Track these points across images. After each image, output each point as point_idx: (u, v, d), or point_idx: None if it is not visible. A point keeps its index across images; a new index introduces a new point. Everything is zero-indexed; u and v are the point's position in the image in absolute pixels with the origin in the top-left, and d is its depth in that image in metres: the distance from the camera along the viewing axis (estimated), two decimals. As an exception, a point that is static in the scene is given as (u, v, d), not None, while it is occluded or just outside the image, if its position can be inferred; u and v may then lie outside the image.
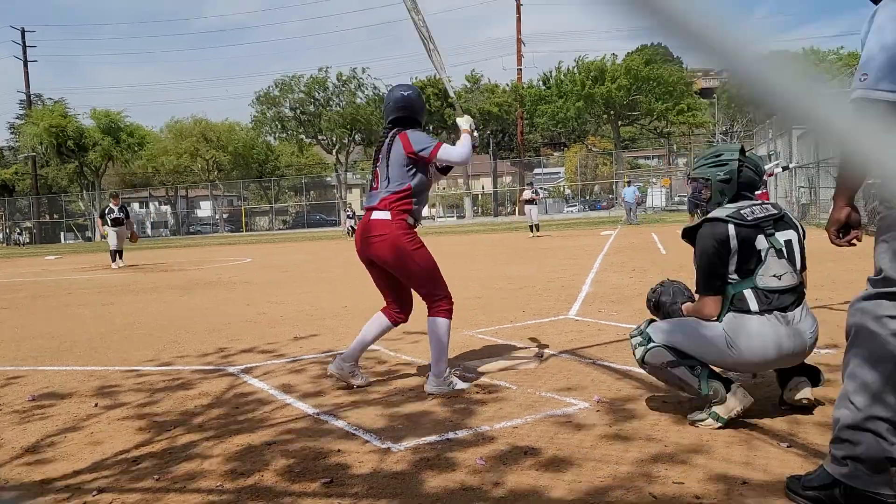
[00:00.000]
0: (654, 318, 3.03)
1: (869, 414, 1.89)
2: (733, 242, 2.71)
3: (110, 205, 15.31)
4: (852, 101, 1.85)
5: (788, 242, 2.76)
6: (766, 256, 2.71)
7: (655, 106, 43.58)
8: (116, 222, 15.07)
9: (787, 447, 2.50)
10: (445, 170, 3.80)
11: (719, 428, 2.69)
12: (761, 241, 2.72)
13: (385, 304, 3.72)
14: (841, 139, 0.63)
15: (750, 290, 2.70)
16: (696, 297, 2.89)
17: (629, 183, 24.05)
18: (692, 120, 45.16)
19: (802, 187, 20.56)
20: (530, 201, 20.46)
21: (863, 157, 0.63)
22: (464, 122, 3.70)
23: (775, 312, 2.67)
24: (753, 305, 2.69)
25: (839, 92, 1.70)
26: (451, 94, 4.04)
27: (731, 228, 2.72)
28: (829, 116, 0.58)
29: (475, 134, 3.71)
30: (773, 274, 2.70)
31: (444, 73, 3.88)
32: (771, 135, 25.53)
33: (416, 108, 3.67)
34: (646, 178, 52.99)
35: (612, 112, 45.53)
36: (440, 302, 3.50)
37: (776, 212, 2.80)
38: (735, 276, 2.74)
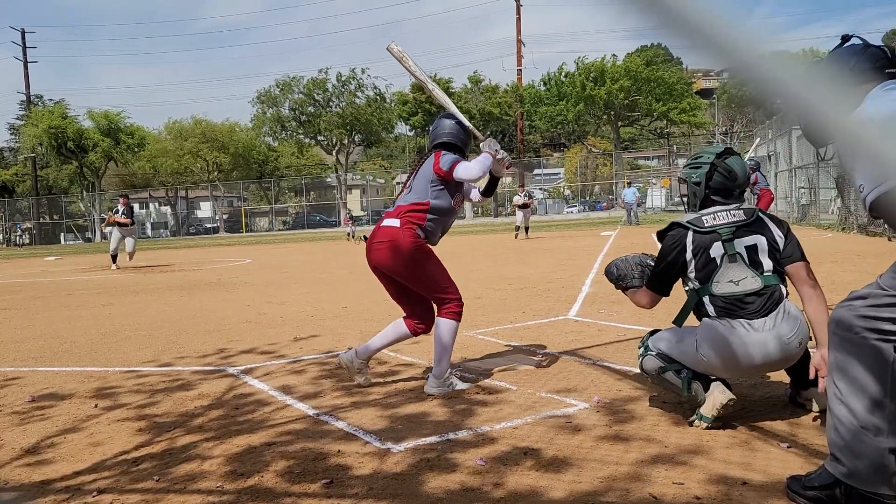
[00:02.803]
0: (657, 328, 3.06)
1: (867, 413, 1.90)
2: (688, 250, 2.78)
3: (119, 206, 14.99)
4: (875, 200, 1.86)
5: (751, 248, 2.75)
6: (721, 262, 2.73)
7: (655, 107, 43.55)
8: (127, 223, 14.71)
9: (788, 448, 2.50)
10: (488, 191, 3.80)
11: (708, 428, 2.70)
12: (716, 248, 2.75)
13: (405, 315, 3.67)
14: (848, 141, 0.63)
15: (707, 297, 2.76)
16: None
17: (630, 184, 24.00)
18: (693, 119, 45.11)
19: (802, 188, 20.54)
20: (523, 206, 19.73)
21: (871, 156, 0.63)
22: (485, 145, 3.62)
23: (741, 320, 2.68)
24: (711, 311, 2.75)
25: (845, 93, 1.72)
26: (467, 124, 3.74)
27: (689, 235, 2.80)
28: (835, 115, 0.58)
29: (500, 156, 3.57)
30: (729, 280, 2.73)
31: (452, 105, 3.76)
32: (771, 135, 25.50)
33: (459, 136, 3.67)
34: (646, 179, 53.02)
35: (611, 113, 45.53)
36: (449, 304, 3.50)
37: (744, 218, 2.79)
38: (696, 283, 2.79)
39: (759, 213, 2.85)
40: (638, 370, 3.64)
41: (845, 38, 2.14)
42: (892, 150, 0.60)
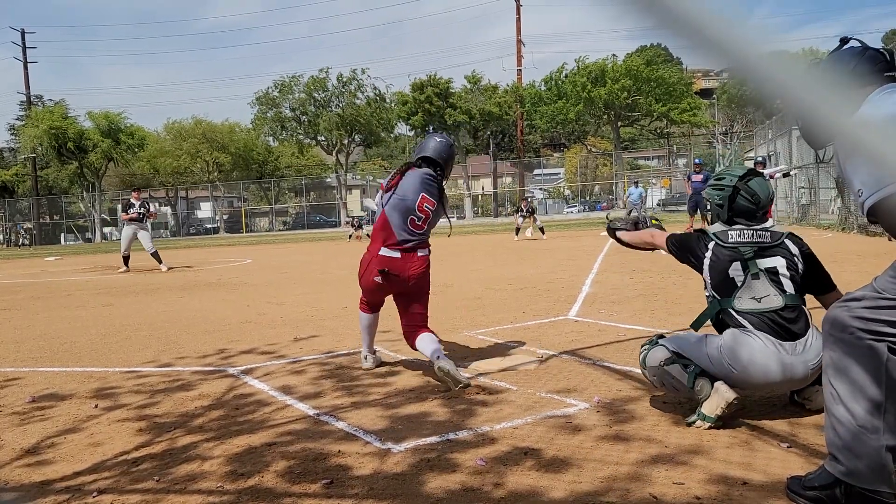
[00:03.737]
0: (663, 333, 3.07)
1: (864, 413, 1.90)
2: (707, 256, 2.84)
3: (131, 199, 13.94)
4: (873, 205, 1.86)
5: (771, 269, 2.77)
6: (743, 281, 2.76)
7: (655, 107, 43.53)
8: (138, 218, 13.56)
9: (788, 448, 2.51)
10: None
11: (710, 427, 2.70)
12: (735, 268, 2.78)
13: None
14: (851, 138, 0.63)
15: (731, 309, 2.78)
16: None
17: (637, 184, 23.99)
18: (693, 119, 45.08)
19: (802, 188, 20.54)
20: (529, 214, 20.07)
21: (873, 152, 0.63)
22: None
23: (772, 338, 2.68)
24: (743, 321, 2.74)
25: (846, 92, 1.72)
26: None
27: (712, 245, 2.85)
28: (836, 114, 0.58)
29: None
30: (751, 296, 2.75)
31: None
32: (771, 135, 25.51)
33: (442, 154, 3.97)
34: (646, 179, 53.02)
35: (611, 113, 45.51)
36: (426, 320, 3.94)
37: (769, 241, 2.82)
38: (716, 294, 2.82)
39: (785, 238, 2.86)
40: (639, 370, 3.64)
41: (844, 41, 2.14)
42: (893, 153, 0.60)
